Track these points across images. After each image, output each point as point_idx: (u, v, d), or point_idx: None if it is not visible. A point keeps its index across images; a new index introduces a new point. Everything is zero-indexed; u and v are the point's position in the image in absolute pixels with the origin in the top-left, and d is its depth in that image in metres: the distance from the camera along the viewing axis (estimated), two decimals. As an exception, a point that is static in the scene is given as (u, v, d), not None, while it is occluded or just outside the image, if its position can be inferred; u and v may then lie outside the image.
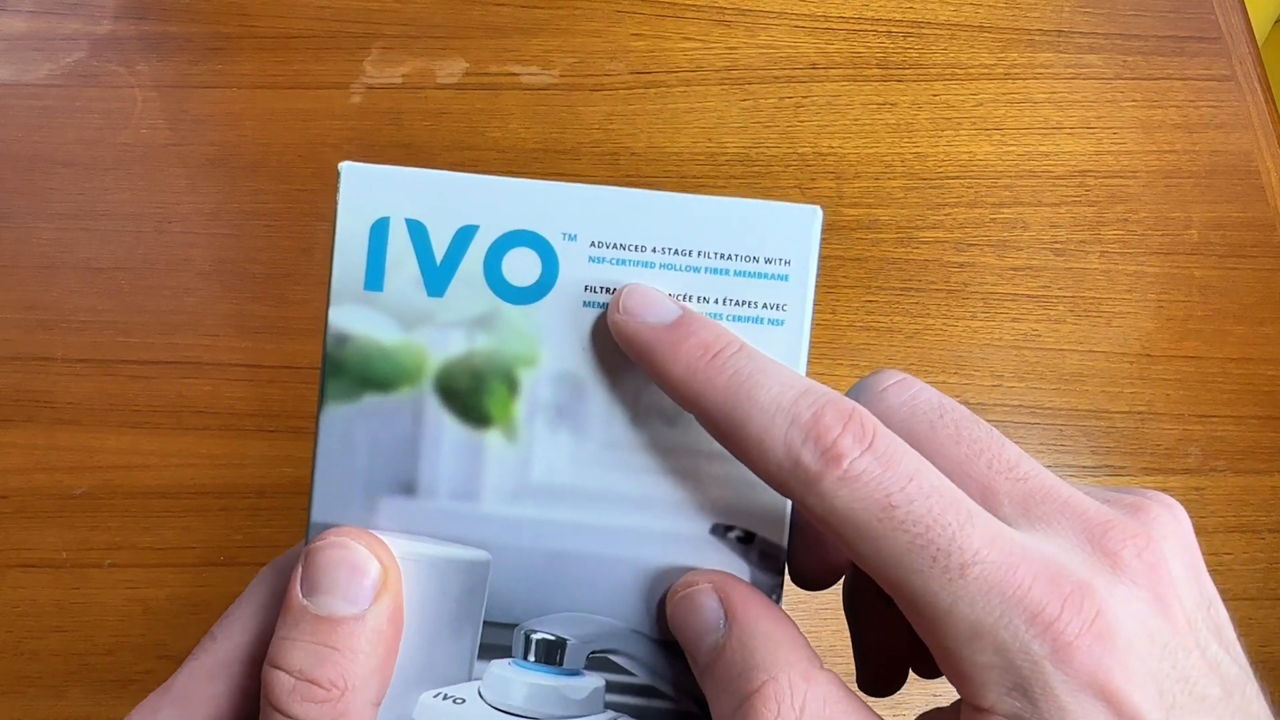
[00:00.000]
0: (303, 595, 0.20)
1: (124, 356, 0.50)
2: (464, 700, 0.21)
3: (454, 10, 0.58)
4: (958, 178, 0.54)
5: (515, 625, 0.21)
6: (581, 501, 0.21)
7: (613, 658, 0.21)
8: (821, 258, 0.21)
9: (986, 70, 0.57)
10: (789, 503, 0.21)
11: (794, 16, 0.59)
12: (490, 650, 0.21)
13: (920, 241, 0.53)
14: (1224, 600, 0.20)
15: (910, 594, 0.18)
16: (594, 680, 0.21)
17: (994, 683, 0.18)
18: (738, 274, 0.21)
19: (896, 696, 0.44)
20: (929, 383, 0.56)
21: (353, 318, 0.21)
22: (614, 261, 0.21)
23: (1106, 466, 0.48)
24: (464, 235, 0.21)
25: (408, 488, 0.21)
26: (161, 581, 0.46)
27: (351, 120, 0.55)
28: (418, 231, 0.21)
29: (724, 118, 0.55)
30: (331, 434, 0.21)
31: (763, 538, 0.21)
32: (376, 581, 0.20)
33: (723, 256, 0.21)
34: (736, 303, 0.21)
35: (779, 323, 0.21)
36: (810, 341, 0.21)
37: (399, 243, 0.21)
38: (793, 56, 0.57)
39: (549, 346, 0.21)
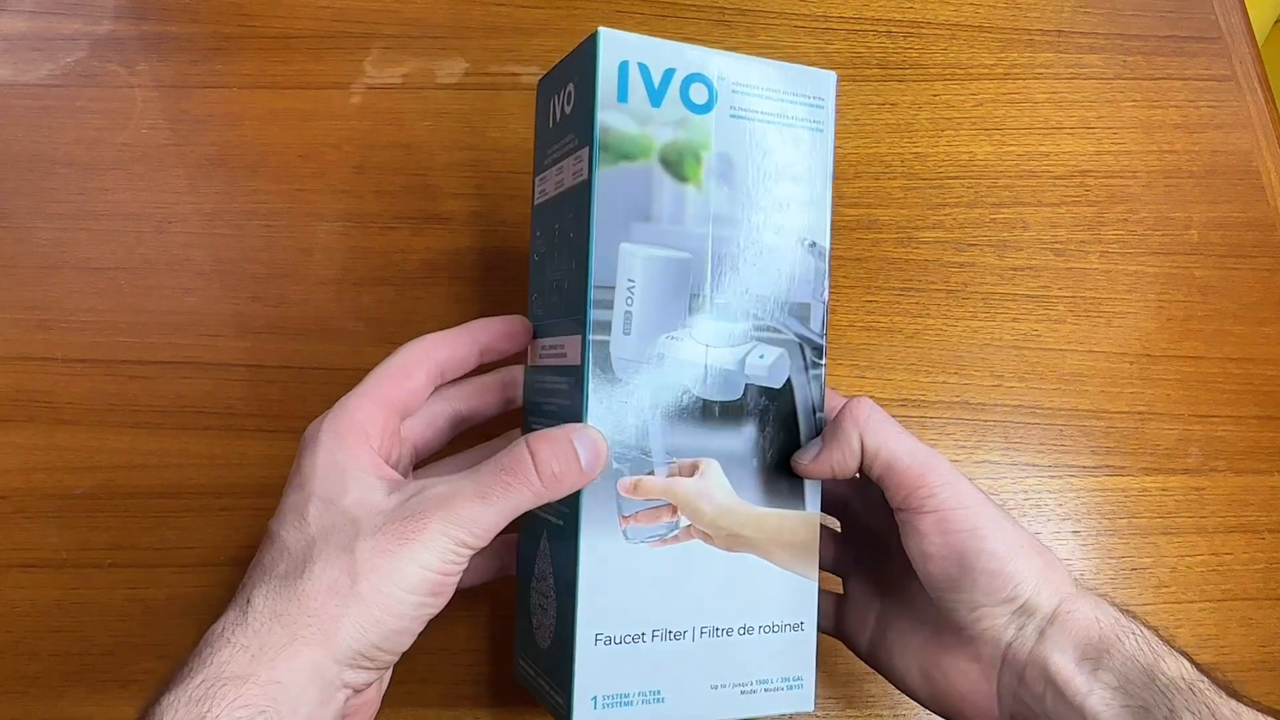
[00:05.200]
0: None
1: (124, 356, 0.50)
2: (681, 339, 0.35)
3: (454, 10, 0.58)
4: (958, 178, 0.54)
5: (699, 294, 0.35)
6: (736, 223, 0.36)
7: (753, 311, 0.36)
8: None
9: (986, 70, 0.57)
10: (829, 218, 0.37)
11: (794, 16, 0.59)
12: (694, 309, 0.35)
13: (920, 241, 0.53)
14: (1224, 600, 0.21)
15: None
16: (746, 323, 0.36)
17: None
18: (802, 104, 0.36)
19: (897, 696, 0.44)
20: (929, 383, 0.56)
21: (610, 118, 0.34)
22: (744, 93, 0.35)
23: (1106, 466, 0.48)
24: (668, 74, 0.35)
25: (646, 217, 0.34)
26: (161, 581, 0.46)
27: (351, 120, 0.55)
28: (644, 70, 0.34)
29: (724, 118, 0.55)
30: (604, 188, 0.34)
31: (819, 244, 0.36)
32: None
33: (795, 94, 0.36)
34: (802, 119, 0.36)
35: (820, 130, 0.37)
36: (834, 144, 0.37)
37: (634, 75, 0.34)
38: (792, 56, 0.57)
39: (715, 138, 0.35)
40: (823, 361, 0.36)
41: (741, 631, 0.35)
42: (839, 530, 0.41)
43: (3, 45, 0.57)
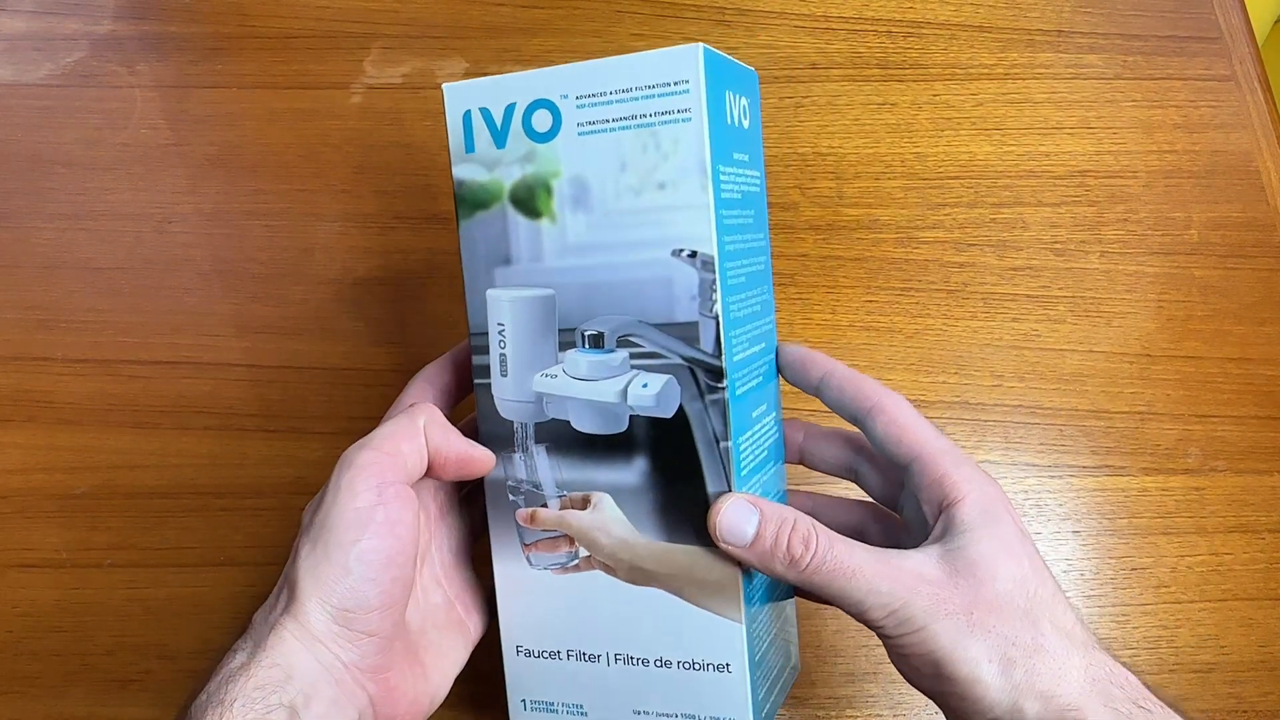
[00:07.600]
0: None
1: (124, 356, 0.50)
2: (556, 375, 0.34)
3: (454, 10, 0.58)
4: (958, 178, 0.54)
5: (574, 329, 0.34)
6: (597, 250, 0.33)
7: (632, 338, 0.33)
8: (817, 258, 0.22)
9: (986, 70, 0.57)
10: (712, 220, 0.32)
11: (794, 16, 0.59)
12: (564, 345, 0.34)
13: (920, 241, 0.53)
14: (1224, 600, 0.20)
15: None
16: (623, 353, 0.33)
17: None
18: (660, 95, 0.32)
19: (897, 696, 0.44)
20: (929, 383, 0.56)
21: (462, 171, 0.34)
22: (590, 105, 0.33)
23: (1106, 466, 0.49)
24: (509, 110, 0.34)
25: (506, 260, 0.34)
26: (161, 581, 0.46)
27: (351, 120, 0.55)
28: (485, 114, 0.34)
29: (724, 118, 0.55)
30: (466, 239, 0.35)
31: (701, 252, 0.32)
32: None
33: (650, 86, 0.32)
34: (662, 112, 0.32)
35: (688, 119, 0.32)
36: (710, 129, 0.32)
37: (477, 121, 0.34)
38: (793, 56, 0.57)
39: (564, 164, 0.33)
40: (722, 384, 0.32)
41: (659, 664, 0.35)
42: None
43: (3, 45, 0.57)
